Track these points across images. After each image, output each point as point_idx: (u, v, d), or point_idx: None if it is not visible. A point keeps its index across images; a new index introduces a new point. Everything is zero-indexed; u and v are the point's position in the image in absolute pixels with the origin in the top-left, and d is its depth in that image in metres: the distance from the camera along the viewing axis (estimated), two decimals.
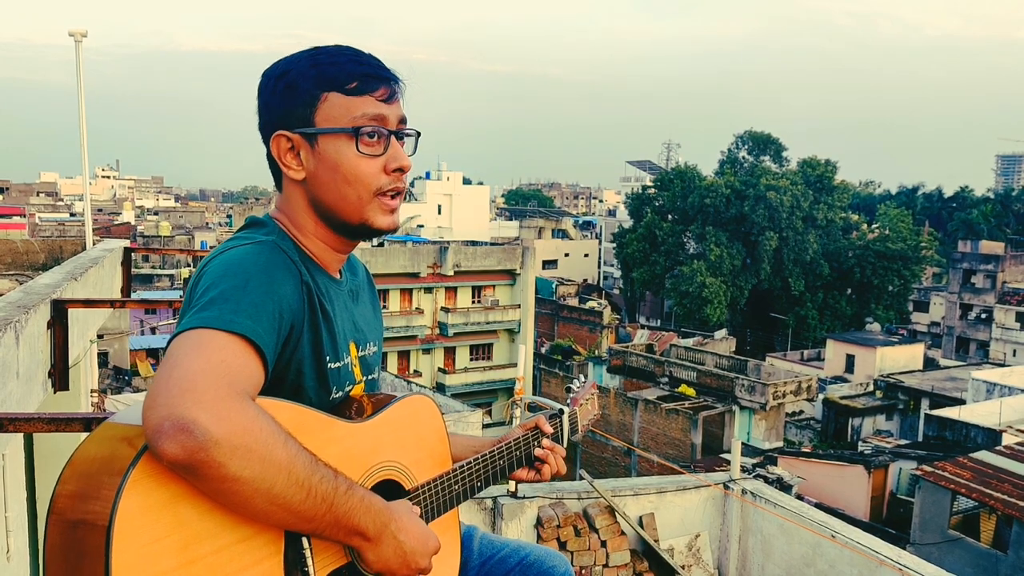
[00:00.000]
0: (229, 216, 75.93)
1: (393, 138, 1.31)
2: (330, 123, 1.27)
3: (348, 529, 1.12)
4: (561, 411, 1.77)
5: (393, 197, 1.33)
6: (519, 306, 37.61)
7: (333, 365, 1.31)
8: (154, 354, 37.18)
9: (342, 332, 1.35)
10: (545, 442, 1.65)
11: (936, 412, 25.58)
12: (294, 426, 1.08)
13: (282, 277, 1.20)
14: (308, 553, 1.13)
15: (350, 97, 1.27)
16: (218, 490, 0.99)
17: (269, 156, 1.33)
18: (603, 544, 6.23)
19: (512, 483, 5.84)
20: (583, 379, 1.94)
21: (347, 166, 1.28)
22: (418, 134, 1.37)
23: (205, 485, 0.99)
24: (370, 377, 1.45)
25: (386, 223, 1.33)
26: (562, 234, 67.42)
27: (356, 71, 1.28)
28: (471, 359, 37.77)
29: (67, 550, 0.98)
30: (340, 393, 1.34)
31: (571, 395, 1.86)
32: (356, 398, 1.38)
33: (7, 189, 71.19)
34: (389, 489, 1.30)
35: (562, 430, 1.74)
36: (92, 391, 7.67)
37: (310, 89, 1.27)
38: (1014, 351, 44.57)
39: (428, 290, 36.24)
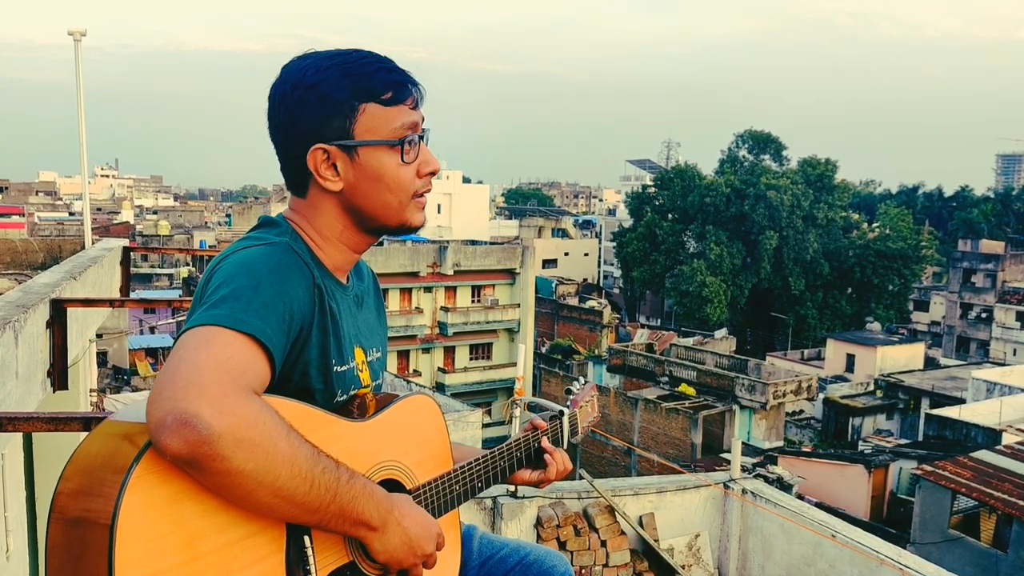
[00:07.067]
0: (228, 215, 75.95)
1: (421, 142, 1.35)
2: (372, 135, 1.28)
3: (352, 519, 1.12)
4: (561, 413, 1.76)
5: (423, 196, 1.39)
6: (519, 305, 37.60)
7: (339, 368, 1.31)
8: (153, 353, 37.18)
9: (348, 336, 1.35)
10: (545, 444, 1.65)
11: (936, 411, 25.61)
12: (297, 423, 1.08)
13: (294, 279, 1.20)
14: (310, 552, 1.13)
15: (387, 108, 1.29)
16: (222, 484, 0.99)
17: (288, 162, 1.32)
18: (603, 544, 6.23)
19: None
20: (583, 381, 1.94)
21: (390, 176, 1.31)
22: (428, 130, 1.40)
23: (208, 479, 0.99)
24: (376, 383, 1.45)
25: (420, 220, 1.39)
26: (562, 233, 67.43)
27: (388, 80, 1.29)
28: (471, 359, 37.76)
29: (69, 548, 0.97)
30: (345, 397, 1.34)
31: (571, 397, 1.86)
32: (359, 397, 1.38)
33: (6, 188, 71.19)
34: (390, 489, 1.30)
35: (562, 432, 1.74)
36: (91, 390, 7.67)
37: (347, 101, 1.26)
38: (1014, 350, 44.59)
39: (428, 289, 36.24)
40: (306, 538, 1.13)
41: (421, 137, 1.35)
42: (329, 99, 1.26)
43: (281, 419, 1.04)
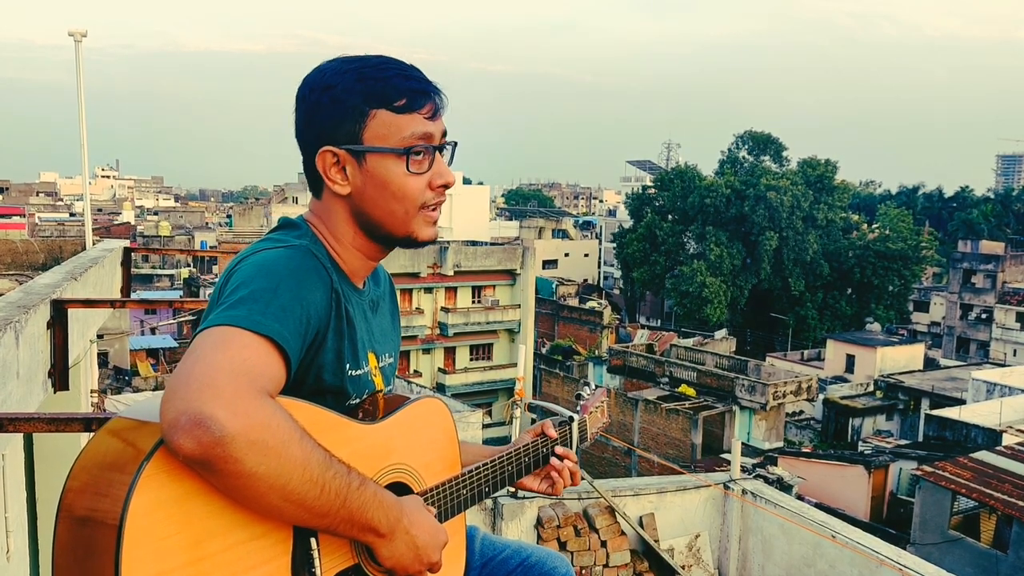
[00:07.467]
0: (229, 216, 75.90)
1: (437, 153, 1.32)
2: (379, 141, 1.27)
3: (361, 525, 1.12)
4: (571, 418, 1.75)
5: (434, 209, 1.35)
6: (519, 306, 37.62)
7: (353, 373, 1.31)
8: (154, 354, 37.19)
9: (362, 341, 1.35)
10: (559, 455, 1.64)
11: (936, 412, 25.61)
12: (308, 425, 1.08)
13: (312, 282, 1.20)
14: (316, 553, 1.13)
15: (399, 115, 1.27)
16: (233, 486, 0.99)
17: (306, 163, 1.33)
18: (603, 544, 6.24)
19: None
20: (593, 387, 1.92)
21: (396, 184, 1.29)
22: (455, 144, 1.37)
23: (220, 481, 0.99)
24: (388, 388, 1.46)
25: (429, 235, 1.35)
26: (562, 234, 67.42)
27: (403, 87, 1.28)
28: (471, 359, 37.78)
29: (76, 546, 0.97)
30: (358, 400, 1.34)
31: (581, 402, 1.84)
32: (371, 399, 1.38)
33: (7, 189, 71.22)
34: (398, 492, 1.30)
35: (571, 438, 1.73)
36: (92, 391, 7.67)
37: (358, 105, 1.26)
38: (1014, 351, 44.60)
39: (428, 290, 36.25)
40: (312, 540, 1.13)
41: (437, 148, 1.32)
42: (341, 102, 1.26)
43: (295, 422, 1.04)
